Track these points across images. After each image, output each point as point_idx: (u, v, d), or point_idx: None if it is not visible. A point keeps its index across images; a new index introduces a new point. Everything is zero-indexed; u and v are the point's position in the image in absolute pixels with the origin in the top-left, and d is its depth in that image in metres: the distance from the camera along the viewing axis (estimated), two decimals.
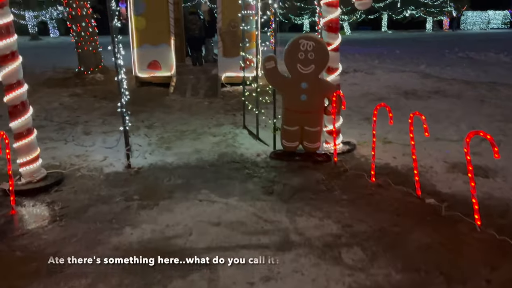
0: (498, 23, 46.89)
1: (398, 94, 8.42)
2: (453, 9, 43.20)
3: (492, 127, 5.93)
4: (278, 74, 4.66)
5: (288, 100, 4.69)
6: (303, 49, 4.48)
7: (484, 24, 47.30)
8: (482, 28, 45.96)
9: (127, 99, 5.11)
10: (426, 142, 5.10)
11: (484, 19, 47.58)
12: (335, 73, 4.88)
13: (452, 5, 41.93)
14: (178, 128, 6.41)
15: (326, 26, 4.78)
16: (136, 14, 9.74)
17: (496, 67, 12.83)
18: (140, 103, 8.25)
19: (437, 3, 41.53)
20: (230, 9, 9.58)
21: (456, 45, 20.75)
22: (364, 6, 4.42)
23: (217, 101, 8.58)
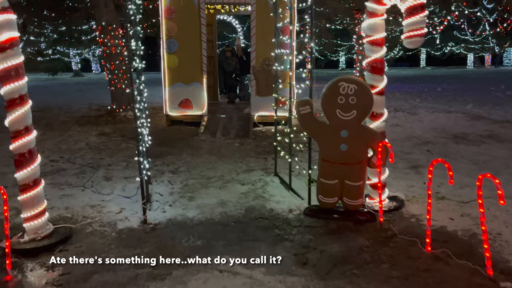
0: None
1: (446, 138, 7.66)
2: (495, 46, 42.01)
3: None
4: (314, 121, 4.12)
5: (325, 150, 4.11)
6: (344, 93, 3.93)
7: None
8: None
9: (148, 144, 4.66)
10: (488, 199, 4.35)
11: None
12: (379, 119, 4.29)
13: (494, 41, 40.75)
14: (205, 173, 5.92)
15: (370, 66, 4.23)
16: (169, 52, 9.58)
17: None
18: (168, 144, 7.89)
19: (478, 39, 40.44)
20: (264, 47, 9.27)
21: (501, 83, 19.68)
22: (414, 44, 3.86)
23: (248, 142, 8.10)
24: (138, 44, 4.32)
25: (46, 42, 27.44)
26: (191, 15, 9.41)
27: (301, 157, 6.26)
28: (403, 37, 3.90)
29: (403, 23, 3.90)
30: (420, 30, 3.76)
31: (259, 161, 6.63)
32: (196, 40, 9.50)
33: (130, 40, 3.85)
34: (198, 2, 9.37)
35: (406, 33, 3.85)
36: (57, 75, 32.63)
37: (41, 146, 7.57)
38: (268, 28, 7.50)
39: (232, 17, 18.37)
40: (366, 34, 4.20)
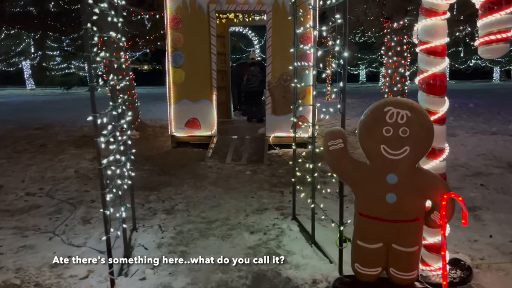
0: None
1: (500, 168, 6.37)
2: None
3: None
4: (349, 160, 2.95)
5: (365, 202, 2.94)
6: (391, 122, 2.77)
7: None
8: None
9: (127, 186, 3.59)
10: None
11: None
12: (439, 157, 3.11)
13: None
14: (206, 214, 4.79)
15: (426, 84, 3.06)
16: (175, 66, 8.58)
17: None
18: (169, 171, 6.81)
19: None
20: (282, 61, 8.19)
21: None
22: (494, 52, 2.70)
23: (262, 169, 6.96)
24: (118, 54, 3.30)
25: (61, 56, 27.09)
26: (200, 25, 8.40)
27: (326, 186, 5.09)
28: (478, 43, 2.74)
29: (478, 24, 2.74)
30: (504, 33, 2.60)
31: (273, 196, 5.47)
32: (205, 53, 8.47)
33: (90, 48, 2.78)
34: (207, 11, 8.37)
35: (482, 37, 2.69)
36: (71, 89, 32.19)
37: (22, 174, 6.58)
38: (286, 39, 6.45)
39: (248, 29, 17.45)
40: (420, 40, 3.05)
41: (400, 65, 9.50)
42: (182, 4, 8.36)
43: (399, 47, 9.39)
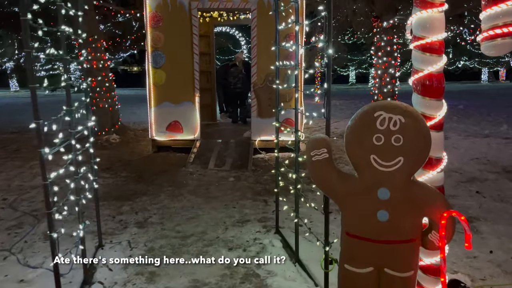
0: None
1: (495, 173, 6.06)
2: (510, 60, 40.54)
3: None
4: (335, 172, 2.58)
5: (353, 220, 2.56)
6: (382, 128, 2.40)
7: None
8: None
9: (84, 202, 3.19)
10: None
11: None
12: (436, 167, 2.75)
13: (509, 55, 39.27)
14: (182, 227, 4.40)
15: (421, 85, 2.71)
16: (155, 67, 8.16)
17: None
18: (147, 178, 6.40)
19: None
20: (267, 61, 7.81)
21: None
22: (499, 49, 2.35)
23: (247, 176, 6.58)
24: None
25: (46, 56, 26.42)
26: (181, 23, 8.00)
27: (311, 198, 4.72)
28: (480, 38, 2.40)
29: (481, 16, 2.39)
30: (511, 26, 2.26)
31: (256, 206, 5.10)
32: (187, 53, 8.07)
33: (28, 42, 2.37)
34: (189, 9, 7.98)
35: (485, 32, 2.34)
36: (57, 91, 31.48)
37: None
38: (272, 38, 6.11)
39: (235, 29, 17.06)
40: (414, 36, 2.69)
41: (390, 66, 9.19)
42: (163, 1, 7.96)
43: (389, 47, 9.08)
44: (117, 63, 32.76)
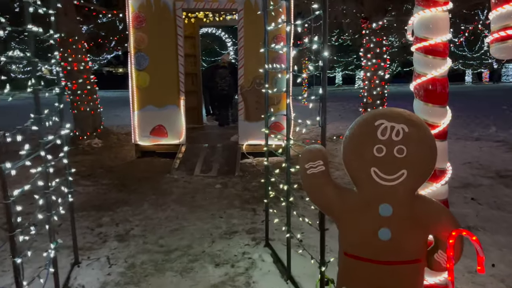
0: None
1: (489, 178, 5.91)
2: (493, 61, 41.08)
3: None
4: (331, 186, 2.35)
5: (352, 239, 2.33)
6: (384, 138, 2.18)
7: None
8: None
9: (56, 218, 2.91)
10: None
11: None
12: (441, 180, 2.55)
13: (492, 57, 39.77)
14: (166, 241, 4.13)
15: (424, 91, 2.50)
16: (138, 69, 7.87)
17: None
18: (130, 186, 6.11)
19: (476, 55, 39.49)
20: (255, 63, 7.57)
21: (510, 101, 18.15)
22: (510, 51, 2.17)
23: (234, 182, 6.33)
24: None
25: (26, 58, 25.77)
26: (166, 24, 7.73)
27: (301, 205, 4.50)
28: (490, 39, 2.19)
29: (490, 16, 2.19)
30: None
31: (245, 216, 4.85)
32: (172, 54, 7.80)
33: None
34: (174, 9, 7.71)
35: (495, 33, 2.14)
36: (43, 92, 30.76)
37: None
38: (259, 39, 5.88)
39: (222, 30, 16.80)
40: (416, 37, 2.48)
41: (380, 68, 9.03)
42: (146, 1, 7.67)
43: (378, 48, 8.93)
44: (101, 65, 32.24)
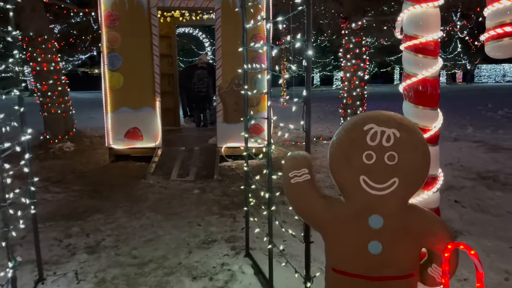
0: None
1: (471, 180, 5.86)
2: (467, 62, 41.95)
3: None
4: (317, 196, 2.16)
5: (340, 253, 2.15)
6: (374, 144, 2.01)
7: (499, 77, 46.01)
8: (497, 81, 44.60)
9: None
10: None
11: (499, 72, 46.34)
12: (432, 187, 2.40)
13: (465, 58, 40.61)
14: (139, 252, 3.87)
15: (414, 92, 2.34)
16: (112, 69, 7.56)
17: None
18: (102, 192, 5.82)
19: (450, 56, 40.30)
20: (234, 63, 7.37)
21: (483, 100, 18.45)
22: (506, 50, 2.02)
23: (212, 187, 6.11)
24: None
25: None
26: (140, 23, 7.45)
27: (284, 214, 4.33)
28: (485, 37, 2.05)
29: (485, 12, 2.04)
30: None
31: (224, 223, 4.64)
32: (146, 54, 7.52)
33: None
34: (148, 7, 7.43)
35: (492, 30, 1.99)
36: (9, 94, 29.79)
37: None
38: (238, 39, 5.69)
39: (199, 30, 16.53)
40: (405, 35, 2.32)
41: (359, 68, 8.95)
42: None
43: (357, 49, 8.84)
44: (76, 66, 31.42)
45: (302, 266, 3.32)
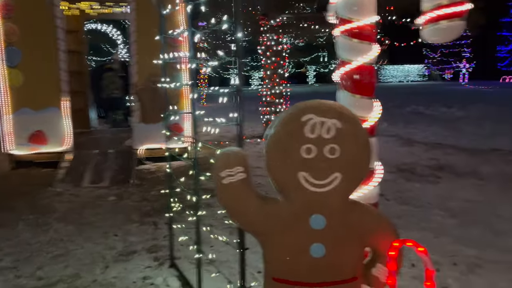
0: (415, 76, 49.33)
1: (391, 173, 6.01)
2: None
3: None
4: (253, 197, 1.91)
5: (279, 260, 1.93)
6: (313, 137, 1.81)
7: (403, 77, 49.56)
8: (400, 81, 48.03)
9: None
10: None
11: (403, 72, 49.89)
12: (371, 181, 2.27)
13: None
14: (45, 272, 3.35)
15: (350, 81, 2.19)
16: (10, 66, 6.72)
17: (463, 124, 11.23)
18: (1, 205, 5.08)
19: None
20: (150, 58, 6.86)
21: (391, 98, 19.57)
22: (445, 34, 1.92)
23: (130, 192, 5.64)
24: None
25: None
26: (40, 14, 6.70)
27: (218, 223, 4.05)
28: (422, 20, 1.95)
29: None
30: (459, 5, 1.84)
31: (145, 231, 4.23)
32: (50, 49, 6.78)
33: None
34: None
35: (428, 13, 1.90)
36: None
37: None
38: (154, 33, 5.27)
39: (112, 26, 15.55)
40: (340, 18, 2.17)
41: (279, 66, 8.93)
42: None
43: (277, 46, 8.81)
44: None
45: (233, 273, 3.08)
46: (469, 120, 11.90)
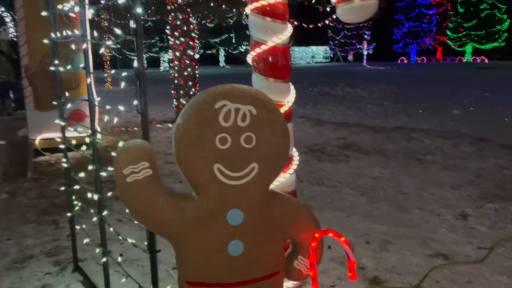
0: (321, 57, 51.34)
1: (303, 153, 6.09)
2: None
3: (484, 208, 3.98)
4: (162, 195, 1.70)
5: (195, 262, 1.75)
6: (228, 125, 1.65)
7: (309, 58, 51.26)
8: (307, 62, 49.63)
9: None
10: None
11: (309, 54, 51.55)
12: (289, 168, 2.18)
13: None
14: None
15: (263, 63, 2.05)
16: None
17: (367, 104, 11.87)
18: None
19: None
20: (43, 37, 6.17)
21: (300, 79, 20.18)
22: (359, 12, 1.84)
23: (26, 189, 5.06)
24: None
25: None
26: None
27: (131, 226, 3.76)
28: (335, 0, 1.86)
29: None
30: None
31: (43, 232, 3.80)
32: None
33: None
34: None
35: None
36: None
37: None
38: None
39: None
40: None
41: (189, 47, 8.59)
42: None
43: (185, 26, 8.44)
44: None
45: (145, 272, 2.87)
46: (372, 99, 12.61)
